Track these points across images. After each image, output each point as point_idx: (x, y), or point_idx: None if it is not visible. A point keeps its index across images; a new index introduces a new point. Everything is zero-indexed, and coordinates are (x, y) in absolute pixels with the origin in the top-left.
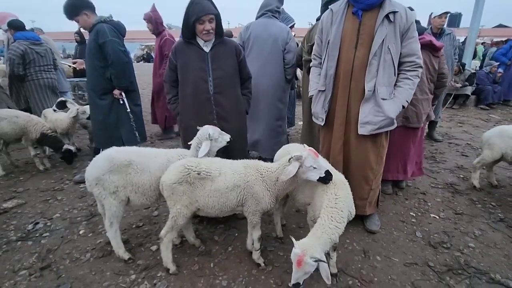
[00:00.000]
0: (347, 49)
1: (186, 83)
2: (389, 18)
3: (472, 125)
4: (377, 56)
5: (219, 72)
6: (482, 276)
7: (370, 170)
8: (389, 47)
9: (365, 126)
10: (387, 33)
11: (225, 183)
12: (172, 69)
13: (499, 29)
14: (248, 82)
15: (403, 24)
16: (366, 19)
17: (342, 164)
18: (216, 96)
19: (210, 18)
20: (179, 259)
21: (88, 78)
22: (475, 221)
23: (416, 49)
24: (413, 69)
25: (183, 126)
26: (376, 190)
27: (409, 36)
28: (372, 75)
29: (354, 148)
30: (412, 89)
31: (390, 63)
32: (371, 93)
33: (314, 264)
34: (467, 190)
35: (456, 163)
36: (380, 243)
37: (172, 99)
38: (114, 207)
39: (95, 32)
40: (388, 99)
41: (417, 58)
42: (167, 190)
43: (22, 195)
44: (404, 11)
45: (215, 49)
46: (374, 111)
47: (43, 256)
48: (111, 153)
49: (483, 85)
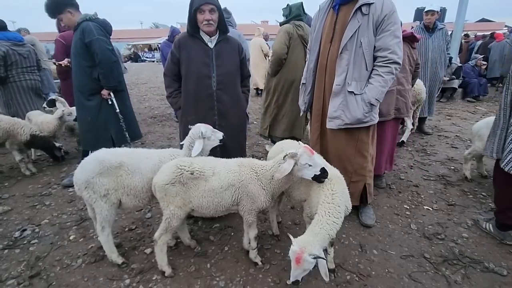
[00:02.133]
0: (324, 43)
1: (189, 78)
2: (362, 10)
3: (460, 118)
4: (348, 50)
5: (222, 69)
6: (477, 266)
7: (347, 163)
8: (361, 40)
9: (333, 120)
10: (360, 25)
11: (220, 183)
12: (174, 62)
13: (482, 23)
14: (247, 80)
15: (377, 15)
16: (341, 13)
17: (321, 154)
18: (219, 93)
19: (210, 8)
20: (175, 261)
21: (74, 79)
22: (467, 212)
23: (390, 43)
24: (385, 64)
25: (183, 120)
26: (358, 183)
27: (384, 29)
28: (342, 69)
29: (330, 140)
30: (383, 87)
31: (361, 57)
32: (339, 87)
33: (313, 261)
34: (458, 181)
35: (446, 155)
36: (376, 237)
37: (173, 93)
38: (105, 210)
39: (80, 30)
40: (358, 93)
41: (390, 53)
42: (160, 191)
43: (7, 202)
44: (381, 2)
45: (219, 46)
46: (343, 106)
47: (32, 264)
48: (101, 155)
49: (469, 78)
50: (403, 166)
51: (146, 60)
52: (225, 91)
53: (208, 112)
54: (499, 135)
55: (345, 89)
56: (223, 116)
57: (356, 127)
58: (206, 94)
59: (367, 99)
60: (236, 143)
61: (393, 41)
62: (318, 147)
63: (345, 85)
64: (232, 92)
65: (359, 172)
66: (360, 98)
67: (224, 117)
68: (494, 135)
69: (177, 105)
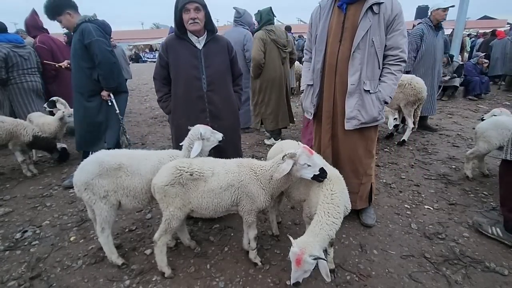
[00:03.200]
0: (332, 43)
1: (179, 81)
2: (373, 9)
3: (462, 116)
4: (361, 49)
5: (212, 69)
6: (478, 265)
7: (359, 164)
8: (373, 39)
9: (351, 121)
10: (371, 25)
11: (219, 183)
12: (162, 65)
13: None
14: (239, 79)
15: (388, 15)
16: (350, 12)
17: (332, 157)
18: (209, 94)
19: (195, 6)
20: (175, 262)
21: (73, 80)
22: (468, 211)
23: (400, 42)
24: (396, 63)
25: (175, 124)
26: (366, 184)
27: (394, 28)
28: (355, 69)
29: (342, 141)
30: (395, 84)
31: (374, 56)
32: (354, 86)
33: (313, 262)
34: (459, 180)
35: (447, 154)
36: (376, 237)
37: (163, 97)
38: (105, 212)
39: (80, 32)
40: (373, 92)
41: (401, 51)
42: (159, 192)
43: (9, 203)
44: (390, 2)
45: (207, 46)
46: (359, 105)
47: (33, 265)
48: (100, 157)
49: (471, 76)
50: (404, 165)
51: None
52: (216, 92)
53: (199, 115)
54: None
55: (360, 88)
56: (215, 118)
57: (367, 126)
58: (197, 96)
59: (382, 98)
60: (230, 144)
61: (403, 40)
62: (330, 149)
63: (360, 84)
64: (223, 92)
65: (368, 173)
66: (375, 97)
67: (217, 118)
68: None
69: (167, 109)
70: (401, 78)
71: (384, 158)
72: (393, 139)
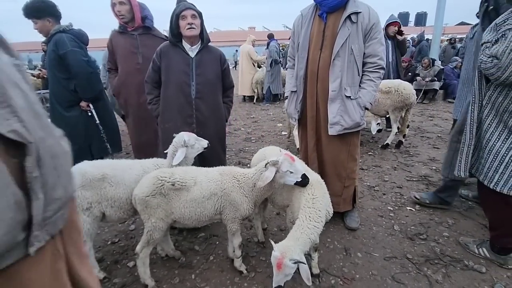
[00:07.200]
0: (313, 50)
1: (169, 85)
2: (351, 18)
3: (442, 118)
4: (340, 57)
5: (202, 78)
6: (457, 264)
7: (342, 168)
8: (352, 47)
9: (334, 126)
10: (350, 33)
11: (201, 192)
12: (155, 70)
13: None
14: (230, 91)
15: (365, 24)
16: (330, 21)
17: (317, 161)
18: (197, 101)
19: (192, 14)
20: (158, 273)
21: (51, 90)
22: (448, 211)
23: (378, 50)
24: (375, 70)
25: (162, 127)
26: (350, 188)
27: (372, 36)
28: (335, 76)
29: (326, 146)
30: (375, 91)
31: (353, 63)
32: (335, 93)
33: (293, 266)
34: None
35: (428, 156)
36: (360, 240)
37: (153, 99)
38: (88, 224)
39: (53, 42)
40: (353, 98)
41: (378, 59)
42: (140, 203)
43: None
44: (368, 11)
45: (200, 55)
46: (342, 111)
47: None
48: (83, 168)
49: (450, 80)
50: (387, 167)
51: None
52: (204, 100)
53: (186, 120)
54: (466, 152)
55: (341, 94)
56: (201, 125)
57: (349, 132)
58: (185, 101)
59: (362, 103)
60: (214, 153)
61: (380, 48)
62: (315, 155)
63: (342, 91)
64: (211, 101)
65: (351, 176)
66: (356, 103)
67: (203, 125)
68: (461, 153)
69: (156, 112)
70: (389, 85)
71: (368, 161)
72: (377, 142)
